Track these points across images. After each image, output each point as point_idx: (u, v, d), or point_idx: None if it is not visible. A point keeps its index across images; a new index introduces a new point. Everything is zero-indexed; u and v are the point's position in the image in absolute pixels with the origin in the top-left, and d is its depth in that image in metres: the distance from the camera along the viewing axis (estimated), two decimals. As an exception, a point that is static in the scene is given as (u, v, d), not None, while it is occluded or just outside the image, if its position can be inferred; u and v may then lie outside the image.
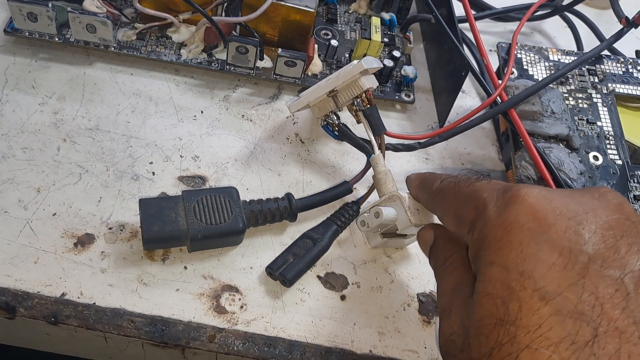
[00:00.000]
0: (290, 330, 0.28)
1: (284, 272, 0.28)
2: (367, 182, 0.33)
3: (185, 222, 0.27)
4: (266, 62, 0.39)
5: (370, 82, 0.33)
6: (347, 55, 0.41)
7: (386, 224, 0.30)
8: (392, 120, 0.40)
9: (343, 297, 0.30)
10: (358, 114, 0.33)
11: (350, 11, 0.44)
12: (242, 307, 0.29)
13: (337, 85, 0.32)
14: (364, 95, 0.32)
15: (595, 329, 0.16)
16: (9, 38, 0.36)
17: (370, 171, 0.32)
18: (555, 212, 0.18)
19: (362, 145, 0.33)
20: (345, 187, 0.33)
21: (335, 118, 0.33)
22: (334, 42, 0.39)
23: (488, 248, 0.18)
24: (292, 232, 0.32)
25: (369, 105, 0.32)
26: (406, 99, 0.40)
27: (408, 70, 0.40)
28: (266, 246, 0.31)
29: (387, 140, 0.33)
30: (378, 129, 0.32)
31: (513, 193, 0.19)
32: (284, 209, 0.30)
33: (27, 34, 0.35)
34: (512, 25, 0.49)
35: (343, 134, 0.33)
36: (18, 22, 0.34)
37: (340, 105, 0.33)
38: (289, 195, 0.31)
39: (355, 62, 0.32)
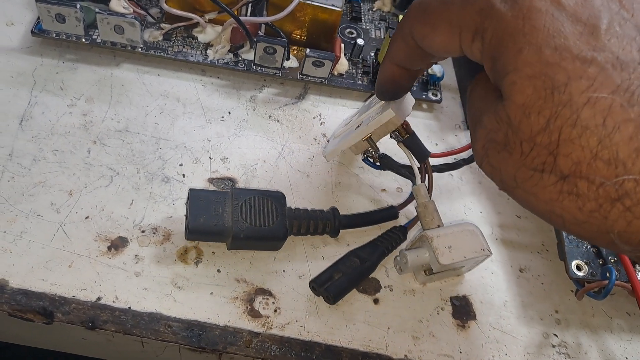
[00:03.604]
0: (324, 335, 0.28)
1: (330, 288, 0.28)
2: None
3: (231, 220, 0.28)
4: (292, 62, 0.38)
5: (405, 113, 0.30)
6: (372, 54, 0.41)
7: (422, 265, 0.30)
8: (418, 120, 0.39)
9: (376, 301, 0.30)
10: (398, 145, 0.31)
11: (374, 9, 0.44)
12: (275, 310, 0.29)
13: (370, 131, 0.31)
14: (400, 127, 0.30)
15: None
16: (36, 39, 0.36)
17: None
18: None
19: (406, 174, 0.32)
20: (391, 212, 0.32)
21: (374, 152, 0.32)
22: (360, 41, 0.39)
23: (512, 38, 0.18)
24: (325, 236, 0.31)
25: (407, 135, 0.31)
26: (433, 98, 0.39)
27: (435, 69, 0.39)
28: (298, 250, 0.31)
29: (432, 161, 0.32)
30: (423, 155, 0.31)
31: None
32: (327, 223, 0.30)
33: (55, 35, 0.35)
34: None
35: (385, 165, 0.32)
36: (46, 23, 0.34)
37: (376, 146, 0.31)
38: (334, 210, 0.31)
39: (383, 105, 0.30)
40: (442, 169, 0.34)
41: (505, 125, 0.18)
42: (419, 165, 0.31)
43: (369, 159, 0.33)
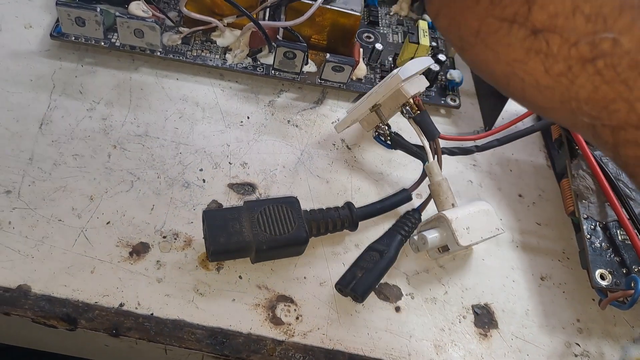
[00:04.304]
0: (346, 343, 0.28)
1: (355, 287, 0.28)
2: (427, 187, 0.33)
3: (251, 233, 0.27)
4: (310, 67, 0.38)
5: (416, 88, 0.32)
6: (390, 59, 0.40)
7: (439, 245, 0.30)
8: (437, 125, 0.39)
9: (397, 309, 0.30)
10: (409, 121, 0.32)
11: (391, 13, 0.44)
12: (297, 318, 0.28)
13: (378, 100, 0.31)
14: (411, 101, 0.31)
15: None
16: (55, 42, 0.35)
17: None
18: None
19: (417, 153, 0.32)
20: (404, 195, 0.32)
21: (386, 128, 0.33)
22: (378, 46, 0.39)
23: None
24: (346, 241, 0.31)
25: (418, 112, 0.32)
26: (452, 103, 0.39)
27: (454, 74, 0.39)
28: (319, 256, 0.31)
29: (443, 144, 0.32)
30: (431, 134, 0.32)
31: None
32: (345, 218, 0.30)
33: (74, 38, 0.35)
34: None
35: (396, 143, 0.33)
36: (65, 26, 0.34)
37: (385, 118, 0.32)
38: (349, 204, 0.31)
39: (394, 72, 0.31)
40: (454, 152, 0.34)
41: None
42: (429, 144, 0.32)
43: (380, 137, 0.33)
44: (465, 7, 0.16)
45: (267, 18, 0.38)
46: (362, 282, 0.28)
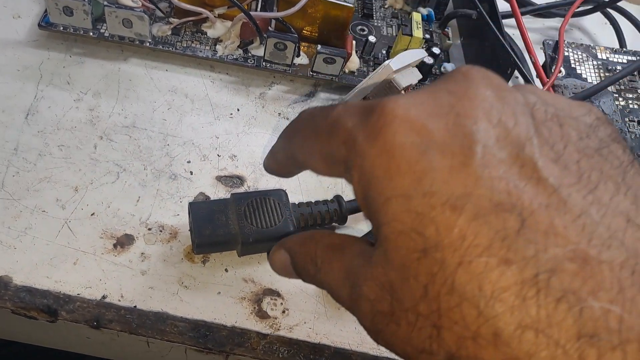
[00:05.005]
0: (333, 337, 0.28)
1: None
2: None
3: (237, 226, 0.27)
4: (302, 59, 0.38)
5: (409, 79, 0.31)
6: (384, 52, 0.40)
7: None
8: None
9: (386, 303, 0.29)
10: None
11: (386, 6, 0.43)
12: (284, 312, 0.28)
13: (368, 93, 0.31)
14: (403, 93, 0.31)
15: (520, 213, 0.14)
16: (43, 32, 0.35)
17: None
18: (431, 114, 0.15)
19: None
20: None
21: None
22: (371, 38, 0.38)
23: (377, 184, 0.16)
24: (334, 234, 0.31)
25: None
26: (446, 97, 0.39)
27: (448, 68, 0.39)
28: (307, 249, 0.30)
29: None
30: None
31: (378, 112, 0.16)
32: (334, 212, 0.30)
33: (62, 28, 0.34)
34: (552, 22, 0.47)
35: None
36: (53, 16, 0.33)
37: None
38: (338, 198, 0.30)
39: (385, 62, 0.30)
40: None
41: (387, 293, 0.15)
42: None
43: None
44: (392, 333, 0.15)
45: (258, 9, 0.38)
46: None
